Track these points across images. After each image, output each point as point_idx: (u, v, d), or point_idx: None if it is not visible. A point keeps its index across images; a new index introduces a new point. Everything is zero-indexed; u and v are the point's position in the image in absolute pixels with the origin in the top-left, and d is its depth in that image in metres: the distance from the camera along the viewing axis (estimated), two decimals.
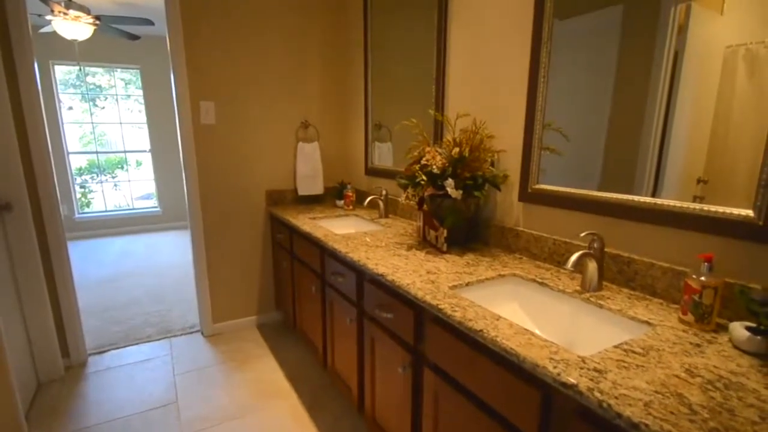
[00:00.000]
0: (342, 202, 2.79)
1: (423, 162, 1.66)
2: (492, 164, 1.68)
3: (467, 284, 1.32)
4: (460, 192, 1.58)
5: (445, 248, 1.64)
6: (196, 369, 2.48)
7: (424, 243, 1.79)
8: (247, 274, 2.93)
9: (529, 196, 1.56)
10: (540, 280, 1.34)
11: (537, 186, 1.54)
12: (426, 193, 1.66)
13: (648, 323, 1.04)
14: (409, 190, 1.73)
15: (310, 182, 2.89)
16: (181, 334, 2.90)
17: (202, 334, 2.89)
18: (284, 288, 2.75)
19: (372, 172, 2.71)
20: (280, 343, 2.77)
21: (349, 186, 2.76)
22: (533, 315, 1.35)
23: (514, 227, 1.65)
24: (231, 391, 2.26)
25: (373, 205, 2.72)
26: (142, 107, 5.90)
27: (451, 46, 1.89)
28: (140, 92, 5.86)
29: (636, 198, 1.21)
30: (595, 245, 1.22)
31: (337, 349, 2.00)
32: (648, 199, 1.18)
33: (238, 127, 2.71)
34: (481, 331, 0.99)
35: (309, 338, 2.38)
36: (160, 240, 5.58)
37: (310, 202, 2.99)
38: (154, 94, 5.81)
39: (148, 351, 2.70)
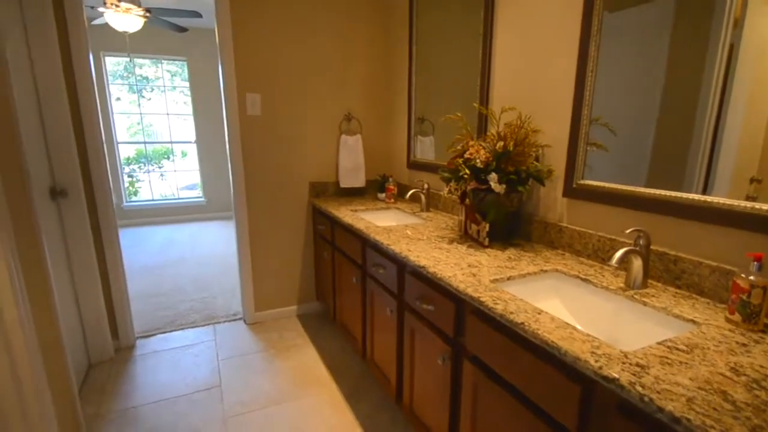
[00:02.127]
0: (383, 195, 2.86)
1: (466, 156, 1.71)
2: (536, 159, 1.70)
3: (509, 278, 1.37)
4: (504, 186, 1.61)
5: (486, 242, 1.69)
6: (238, 355, 2.63)
7: (466, 237, 1.84)
8: (288, 265, 3.07)
9: (573, 191, 1.58)
10: (583, 277, 1.37)
11: (582, 181, 1.55)
12: (469, 187, 1.70)
13: (693, 322, 1.05)
14: (452, 183, 1.78)
15: (353, 175, 2.99)
16: (225, 321, 3.08)
17: (245, 321, 3.06)
18: (325, 279, 2.87)
19: (414, 165, 2.77)
20: (319, 333, 2.89)
21: (390, 179, 2.83)
22: (575, 311, 1.37)
23: (558, 223, 1.67)
24: (272, 378, 2.39)
25: (414, 198, 2.78)
26: (188, 99, 6.20)
27: (497, 40, 1.92)
28: (186, 84, 6.16)
29: (685, 195, 1.21)
30: (641, 242, 1.23)
31: (377, 340, 2.09)
32: (697, 197, 1.18)
33: (282, 119, 2.83)
34: (522, 323, 1.04)
35: (348, 329, 2.48)
36: (204, 229, 5.88)
37: (352, 194, 3.08)
38: (200, 85, 6.09)
39: (193, 336, 2.89)
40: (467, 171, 1.68)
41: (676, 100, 1.22)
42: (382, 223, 2.56)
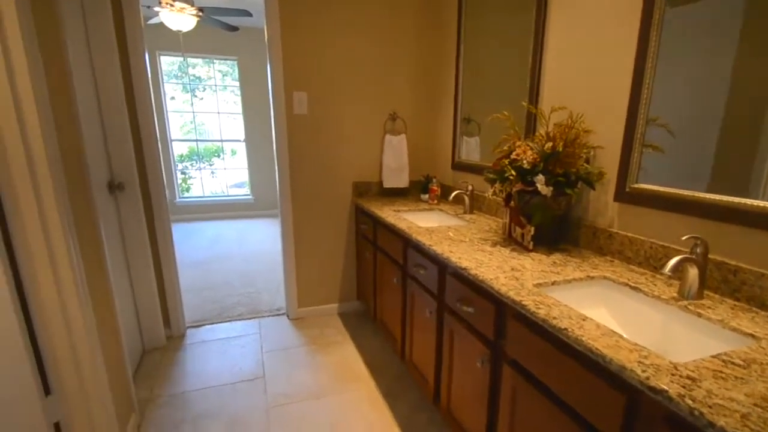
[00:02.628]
0: (426, 196, 2.87)
1: (513, 156, 1.69)
2: (586, 161, 1.66)
3: (553, 283, 1.35)
4: (551, 189, 1.59)
5: (531, 246, 1.66)
6: (281, 349, 2.72)
7: (510, 240, 1.82)
8: (331, 263, 3.14)
9: (626, 195, 1.53)
10: (633, 285, 1.33)
11: (636, 185, 1.50)
12: (514, 189, 1.69)
13: (752, 336, 1.00)
14: (497, 185, 1.77)
15: (396, 175, 3.01)
16: (269, 316, 3.19)
17: (288, 317, 3.16)
18: (366, 278, 2.91)
19: (458, 166, 2.76)
20: (359, 332, 2.94)
21: (434, 180, 2.84)
22: (623, 320, 1.33)
23: (608, 228, 1.62)
24: (313, 372, 2.46)
25: (458, 200, 2.77)
26: (237, 98, 6.44)
27: (549, 36, 1.88)
28: (236, 83, 6.40)
29: (750, 201, 1.15)
30: (698, 250, 1.18)
31: (416, 341, 2.10)
32: (763, 203, 1.12)
33: (328, 118, 2.90)
34: (565, 329, 1.02)
35: (388, 329, 2.51)
36: (251, 227, 6.09)
37: (395, 194, 3.11)
38: (249, 84, 6.31)
39: (239, 328, 3.01)
40: (513, 172, 1.66)
41: (744, 100, 1.16)
42: (425, 224, 2.57)
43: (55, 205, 1.42)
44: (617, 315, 1.35)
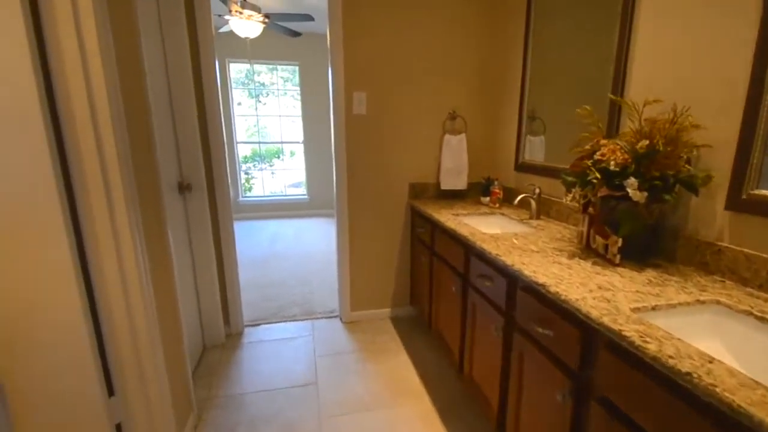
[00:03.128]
0: (487, 199, 2.63)
1: (597, 157, 1.43)
2: (687, 161, 1.37)
3: (653, 308, 1.09)
4: (645, 194, 1.32)
5: (617, 260, 1.40)
6: (334, 353, 2.59)
7: (588, 251, 1.56)
8: (385, 266, 2.97)
9: (743, 203, 1.24)
10: (758, 314, 1.05)
11: (757, 191, 1.21)
12: (598, 194, 1.43)
13: None
14: (576, 189, 1.52)
15: (455, 176, 2.80)
16: (322, 317, 3.07)
17: (341, 319, 3.02)
18: (421, 284, 2.72)
19: (523, 167, 2.50)
20: (413, 340, 2.75)
21: (496, 182, 2.60)
22: (745, 359, 1.05)
23: (715, 242, 1.33)
24: (365, 382, 2.30)
25: (523, 204, 2.51)
26: (297, 102, 6.46)
27: (639, 18, 1.60)
28: (296, 88, 6.43)
29: None
30: None
31: (476, 357, 1.88)
32: None
33: (386, 118, 2.74)
34: (688, 374, 0.78)
35: (444, 340, 2.30)
36: (307, 226, 6.07)
37: (452, 197, 2.89)
38: (309, 88, 6.31)
39: (293, 329, 2.91)
40: (597, 174, 1.41)
41: None
42: (488, 229, 2.33)
43: (123, 204, 1.36)
44: (738, 352, 1.07)
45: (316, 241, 5.27)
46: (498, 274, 1.60)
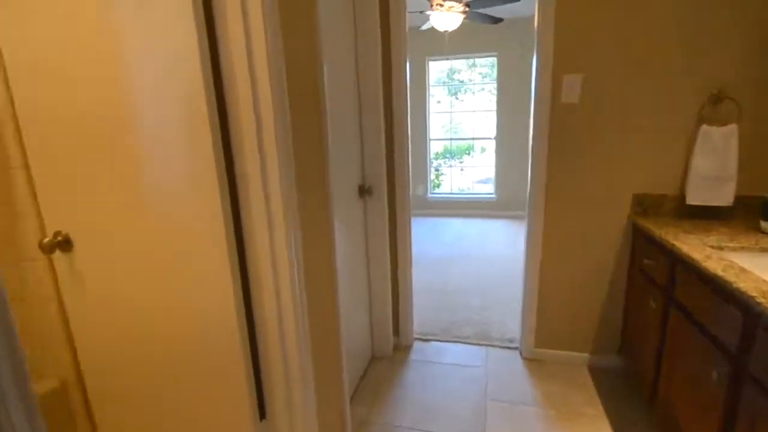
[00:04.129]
0: None
1: None
2: None
3: None
4: None
5: None
6: (510, 401, 1.98)
7: None
8: (586, 297, 2.20)
9: None
10: None
11: None
12: None
13: None
14: None
15: (713, 186, 1.82)
16: (498, 346, 2.48)
17: (521, 354, 2.38)
18: (641, 334, 1.87)
19: None
20: (621, 408, 1.93)
21: None
22: None
23: None
24: None
25: None
26: (493, 97, 5.84)
27: None
28: (493, 83, 5.81)
29: None
30: None
31: None
32: None
33: (605, 106, 1.95)
34: None
35: (679, 428, 1.47)
36: (492, 227, 5.43)
37: (706, 216, 1.92)
38: (506, 79, 5.61)
39: (464, 355, 2.41)
40: None
41: None
42: None
43: (282, 215, 1.11)
44: None
45: (500, 245, 4.61)
46: None
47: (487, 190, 6.25)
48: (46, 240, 1.12)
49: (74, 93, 1.06)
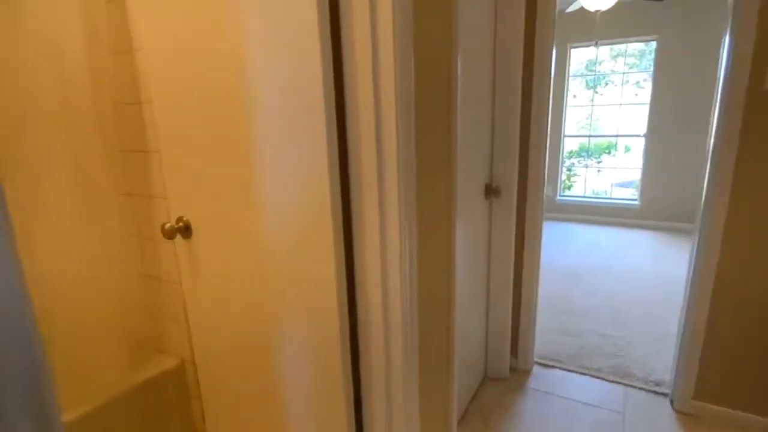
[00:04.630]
0: None
1: None
2: None
3: None
4: None
5: None
6: None
7: None
8: None
9: None
10: None
11: None
12: None
13: None
14: None
15: None
16: (640, 389, 2.03)
17: (671, 403, 1.90)
18: None
19: None
20: None
21: None
22: None
23: None
24: None
25: None
26: (641, 91, 4.94)
27: None
28: (642, 74, 4.92)
29: None
30: None
31: None
32: None
33: None
34: None
35: None
36: (633, 239, 4.65)
37: None
38: (667, 67, 4.67)
39: (595, 391, 2.02)
40: None
41: None
42: None
43: (396, 207, 0.97)
44: None
45: (641, 261, 3.89)
46: None
47: (629, 194, 5.38)
48: (168, 225, 1.13)
49: (202, 81, 1.04)
